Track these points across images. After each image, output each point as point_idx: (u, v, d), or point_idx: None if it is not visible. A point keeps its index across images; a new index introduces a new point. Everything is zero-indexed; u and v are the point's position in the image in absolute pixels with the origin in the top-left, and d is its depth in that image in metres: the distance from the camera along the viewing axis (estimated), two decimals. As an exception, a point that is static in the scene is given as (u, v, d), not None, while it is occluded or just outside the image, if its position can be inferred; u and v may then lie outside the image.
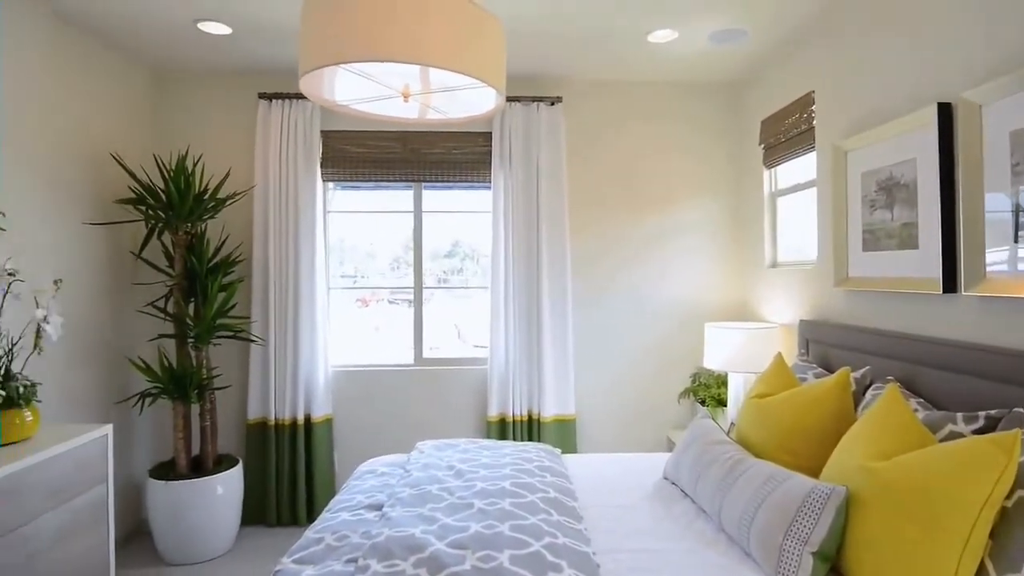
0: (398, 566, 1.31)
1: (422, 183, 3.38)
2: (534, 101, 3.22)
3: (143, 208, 2.79)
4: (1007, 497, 1.22)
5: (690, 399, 3.42)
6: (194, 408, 2.98)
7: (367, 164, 3.29)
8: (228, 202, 2.98)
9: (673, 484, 2.08)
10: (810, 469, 1.79)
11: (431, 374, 3.34)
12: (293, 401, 3.12)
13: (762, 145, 3.06)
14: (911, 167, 1.94)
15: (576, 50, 2.89)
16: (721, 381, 3.27)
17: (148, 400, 3.04)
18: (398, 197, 3.46)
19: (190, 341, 2.82)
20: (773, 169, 3.07)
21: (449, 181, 3.33)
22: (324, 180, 3.28)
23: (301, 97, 3.14)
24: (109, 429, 2.17)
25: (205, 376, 2.83)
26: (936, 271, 1.81)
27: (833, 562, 1.42)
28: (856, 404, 1.92)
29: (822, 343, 2.41)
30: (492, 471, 1.94)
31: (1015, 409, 1.42)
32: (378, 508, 1.75)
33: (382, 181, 3.33)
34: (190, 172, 2.80)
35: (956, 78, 1.78)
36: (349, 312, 3.55)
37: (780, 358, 2.18)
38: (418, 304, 3.39)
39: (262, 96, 3.14)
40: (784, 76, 2.87)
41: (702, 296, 3.44)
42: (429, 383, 3.34)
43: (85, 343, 2.69)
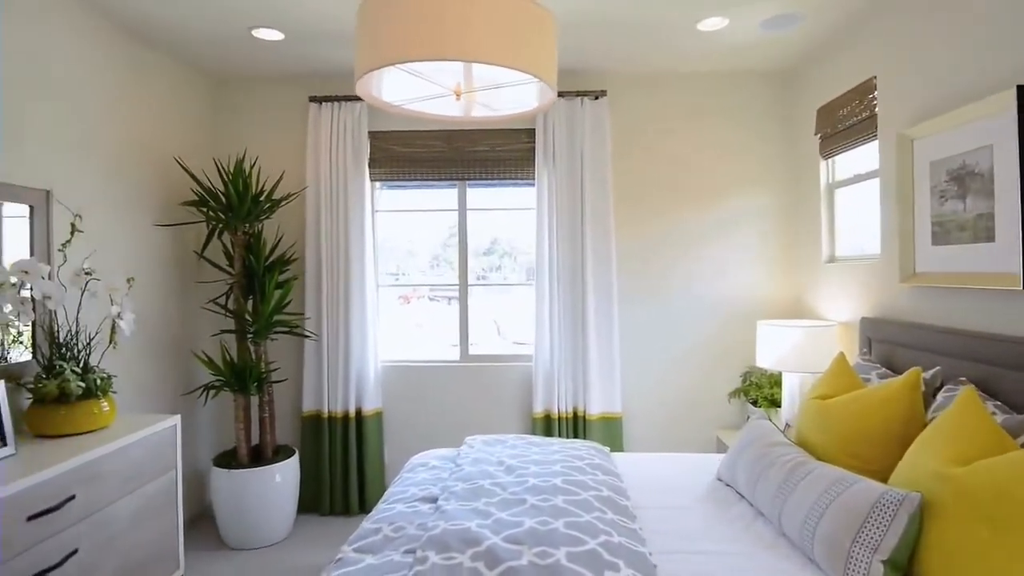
0: (455, 558, 1.34)
1: (466, 181, 3.41)
2: (578, 95, 3.19)
3: (205, 210, 2.93)
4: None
5: (740, 399, 3.33)
6: (253, 400, 3.11)
7: (413, 163, 3.35)
8: (283, 203, 3.09)
9: (728, 486, 2.04)
10: (876, 474, 1.71)
11: (476, 370, 3.37)
12: (345, 395, 3.21)
13: (818, 135, 2.94)
14: (986, 155, 1.82)
15: (622, 41, 2.85)
16: (774, 381, 3.16)
17: (212, 392, 3.18)
18: (440, 196, 3.51)
19: (249, 336, 2.94)
20: (830, 160, 2.95)
21: (493, 178, 3.34)
22: (372, 180, 3.35)
23: (350, 99, 3.22)
24: (177, 419, 2.29)
25: (263, 370, 2.95)
26: (1015, 265, 1.70)
27: (904, 571, 1.36)
28: (926, 407, 1.83)
29: (886, 342, 2.30)
30: (543, 467, 1.94)
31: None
32: (432, 501, 1.78)
33: (427, 180, 3.38)
34: (247, 174, 2.91)
35: (1040, 59, 1.66)
36: (392, 309, 3.63)
37: (842, 357, 2.09)
38: (463, 301, 3.43)
39: (312, 99, 3.23)
40: (842, 62, 2.75)
41: (754, 293, 3.34)
42: (474, 379, 3.37)
43: (154, 338, 2.84)
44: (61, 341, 2.12)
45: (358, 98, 3.21)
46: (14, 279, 1.96)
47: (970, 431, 1.41)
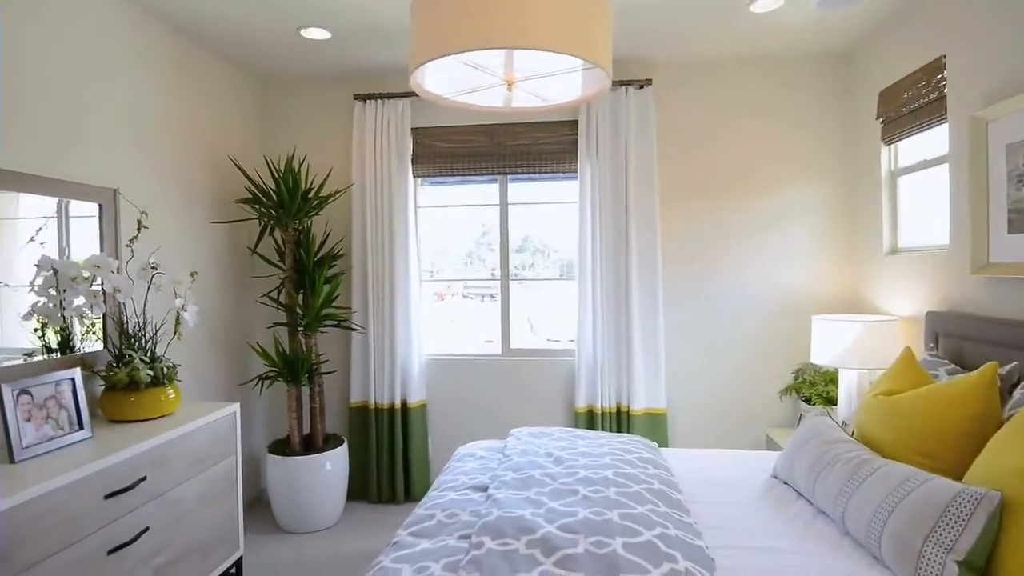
0: (511, 545, 1.34)
1: (508, 175, 3.41)
2: (622, 85, 3.14)
3: (257, 207, 3.03)
4: None
5: (792, 397, 3.22)
6: (304, 391, 3.20)
7: (455, 159, 3.36)
8: (330, 200, 3.16)
9: (784, 483, 1.97)
10: (947, 472, 1.62)
11: (518, 364, 3.38)
12: (391, 387, 3.27)
13: (880, 119, 2.80)
14: (1073, 135, 1.70)
15: (669, 27, 2.78)
16: (829, 378, 3.05)
17: (266, 382, 3.30)
18: (479, 191, 3.52)
19: (300, 329, 3.03)
20: (893, 145, 2.81)
21: (535, 172, 3.33)
22: (415, 176, 3.39)
23: (393, 96, 3.26)
24: (237, 407, 2.38)
25: (314, 362, 3.03)
26: (1107, 253, 1.58)
27: (981, 572, 1.28)
28: (1002, 403, 1.72)
29: (955, 337, 2.18)
30: (592, 460, 1.93)
31: None
32: (483, 489, 1.79)
33: (469, 175, 3.39)
34: (296, 172, 2.99)
35: None
36: (427, 306, 3.67)
37: (909, 352, 2.00)
38: (504, 294, 3.44)
39: (357, 97, 3.29)
40: (907, 41, 2.61)
41: (807, 287, 3.22)
42: (516, 373, 3.38)
43: (212, 330, 2.96)
44: (130, 332, 2.24)
45: (402, 95, 3.25)
46: (87, 273, 2.08)
47: (1057, 428, 1.32)
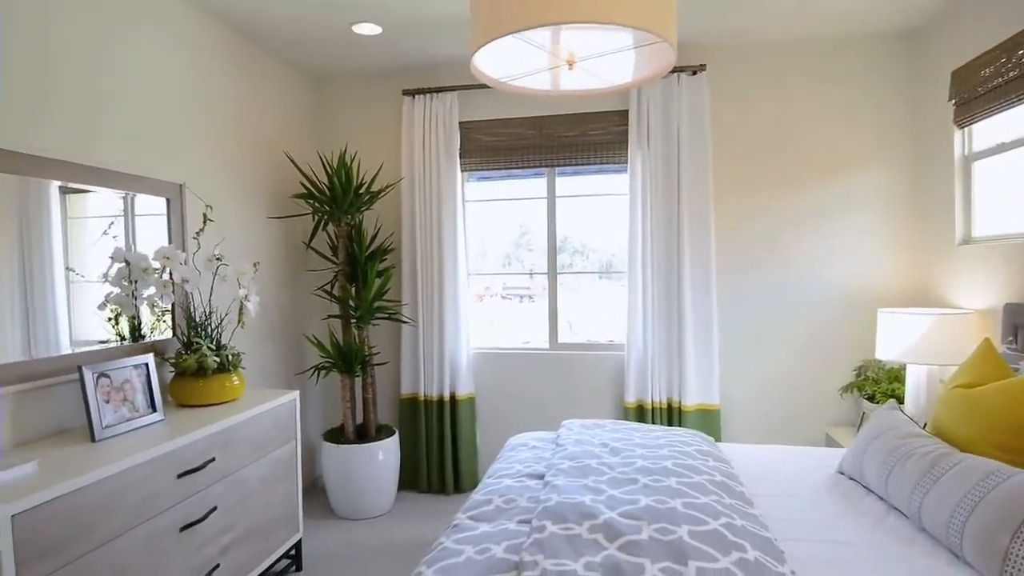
0: (573, 529, 1.34)
1: (555, 168, 3.40)
2: (674, 71, 3.08)
3: (312, 202, 3.12)
4: None
5: (853, 394, 3.09)
6: (357, 382, 3.28)
7: (503, 152, 3.37)
8: (381, 194, 3.22)
9: (851, 480, 1.89)
10: (1035, 469, 1.53)
11: (566, 358, 3.36)
12: (440, 379, 3.31)
13: (953, 101, 2.65)
14: None
15: (722, 10, 2.71)
16: (894, 376, 2.91)
17: (322, 372, 3.40)
18: (524, 188, 3.52)
19: (353, 321, 3.11)
20: (966, 128, 2.66)
21: (583, 163, 3.29)
22: (463, 170, 3.42)
23: (442, 90, 3.30)
24: (296, 395, 2.46)
25: (366, 353, 3.10)
26: None
27: (1080, 575, 1.20)
28: (1097, 397, 1.60)
29: (1039, 328, 2.04)
30: (649, 451, 1.90)
31: None
32: (538, 477, 1.79)
33: (517, 167, 3.39)
34: (348, 168, 3.06)
35: None
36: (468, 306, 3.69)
37: (988, 344, 1.88)
38: (552, 288, 3.43)
39: (406, 92, 3.34)
40: (984, 15, 2.46)
41: (870, 279, 3.08)
42: (564, 367, 3.36)
43: (270, 321, 3.07)
44: (196, 321, 2.34)
45: (450, 88, 3.29)
46: (157, 264, 2.18)
47: None
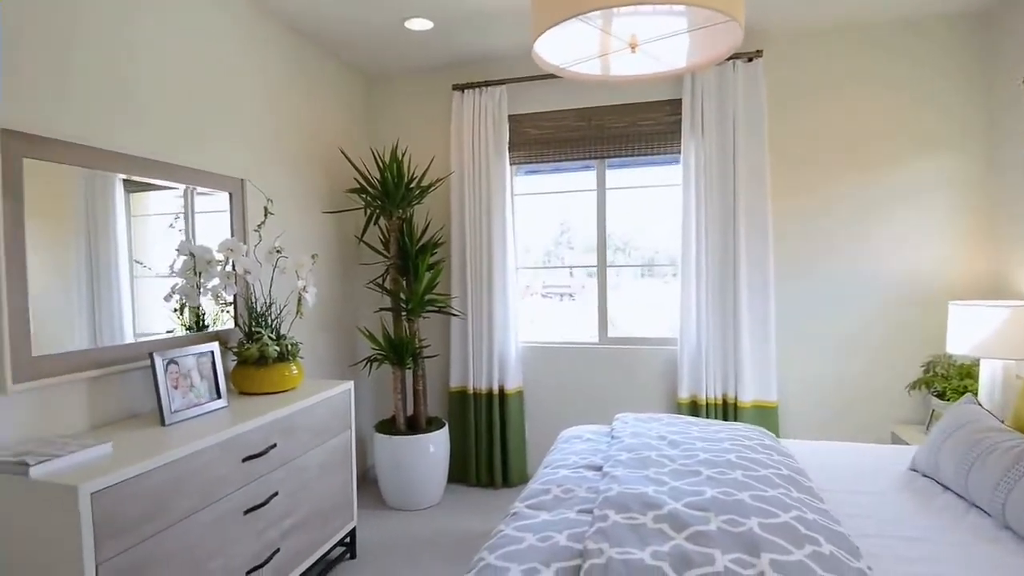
0: (637, 519, 1.31)
1: (605, 160, 3.36)
2: (729, 59, 2.99)
3: (364, 196, 3.18)
4: None
5: (922, 391, 2.93)
6: (408, 374, 3.33)
7: (552, 144, 3.35)
8: (431, 189, 3.26)
9: (925, 476, 1.80)
10: None
11: (616, 353, 3.32)
12: (489, 372, 3.32)
13: (1033, 80, 2.49)
14: None
15: (782, -3, 2.62)
16: (965, 372, 2.74)
17: (374, 364, 3.47)
18: (571, 182, 3.49)
19: (404, 314, 3.16)
20: (1050, 108, 2.48)
21: (634, 154, 3.24)
22: (512, 163, 3.42)
23: (491, 84, 3.31)
24: (351, 385, 2.51)
25: (417, 345, 3.15)
26: None
27: None
28: None
29: None
30: (710, 444, 1.86)
31: None
32: (596, 468, 1.78)
33: (566, 159, 3.37)
34: (400, 162, 3.11)
35: None
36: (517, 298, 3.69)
37: (1081, 334, 1.75)
38: (602, 281, 3.39)
39: (455, 87, 3.37)
40: (1070, -11, 2.29)
41: (939, 271, 2.92)
42: (614, 361, 3.32)
43: (324, 314, 3.16)
44: (258, 311, 2.43)
45: (498, 82, 3.30)
46: (220, 256, 2.27)
47: None
